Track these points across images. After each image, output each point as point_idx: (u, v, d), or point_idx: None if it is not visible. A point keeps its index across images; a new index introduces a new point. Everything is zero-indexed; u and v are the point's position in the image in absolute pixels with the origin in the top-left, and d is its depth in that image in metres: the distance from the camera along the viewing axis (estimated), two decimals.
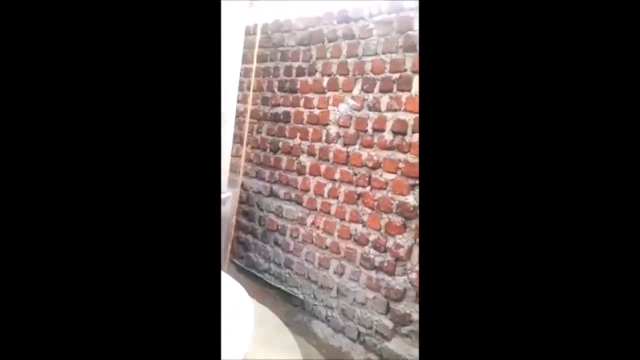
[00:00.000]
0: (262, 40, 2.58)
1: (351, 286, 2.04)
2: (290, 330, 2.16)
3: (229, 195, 2.29)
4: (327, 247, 2.18)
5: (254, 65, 2.64)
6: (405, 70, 1.74)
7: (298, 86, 2.33)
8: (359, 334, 2.01)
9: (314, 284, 2.27)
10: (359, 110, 1.97)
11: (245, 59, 2.63)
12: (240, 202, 2.82)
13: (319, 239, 2.23)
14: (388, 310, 1.86)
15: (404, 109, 1.75)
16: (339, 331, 2.12)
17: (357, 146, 1.98)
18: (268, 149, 2.58)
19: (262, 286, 2.64)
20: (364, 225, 1.97)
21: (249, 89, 2.72)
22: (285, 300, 2.48)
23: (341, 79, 2.05)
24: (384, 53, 1.83)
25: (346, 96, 2.03)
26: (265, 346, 1.76)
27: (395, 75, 1.78)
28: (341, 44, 2.03)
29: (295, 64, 2.34)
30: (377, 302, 1.91)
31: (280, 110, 2.47)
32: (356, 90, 1.98)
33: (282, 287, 2.49)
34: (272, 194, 2.56)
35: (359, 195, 1.99)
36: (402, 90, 1.75)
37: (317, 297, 2.25)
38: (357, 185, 2.00)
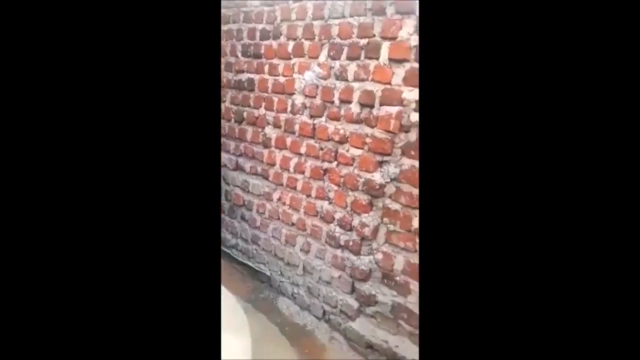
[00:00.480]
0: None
1: (317, 264, 1.98)
2: (253, 308, 2.10)
3: None
4: (293, 224, 2.09)
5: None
6: (374, 35, 1.58)
7: (262, 51, 2.14)
8: (324, 312, 1.96)
9: (280, 260, 2.20)
10: (325, 79, 1.81)
11: None
12: None
13: (286, 215, 2.13)
14: (353, 290, 1.81)
15: (371, 79, 1.61)
16: (304, 309, 2.08)
17: (323, 118, 1.85)
18: (233, 119, 2.41)
19: (229, 262, 2.57)
20: (330, 203, 1.88)
21: None
22: (252, 277, 2.42)
23: (307, 43, 1.88)
24: (351, 16, 1.66)
25: (312, 63, 1.86)
26: None
27: (363, 41, 1.62)
28: (306, 5, 1.84)
29: (259, 26, 2.14)
30: (342, 281, 1.85)
31: (244, 77, 2.28)
32: (322, 57, 1.82)
33: (250, 264, 2.42)
34: (238, 168, 2.42)
35: (325, 171, 1.88)
36: (370, 58, 1.61)
37: (284, 274, 2.19)
38: (323, 161, 1.88)
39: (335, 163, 1.82)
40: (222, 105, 2.47)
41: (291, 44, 1.96)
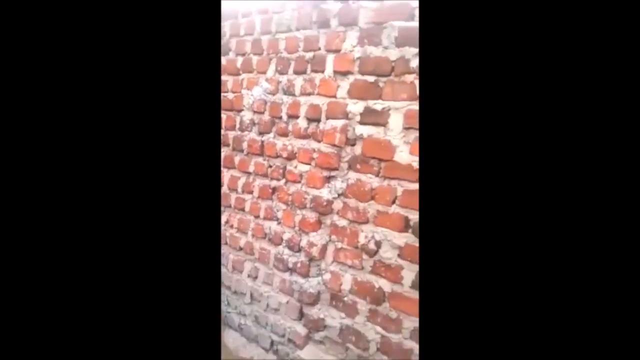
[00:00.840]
0: None
1: (264, 290, 1.84)
2: None
3: None
4: (241, 248, 1.96)
5: None
6: (319, 48, 1.56)
7: None
8: (272, 342, 1.81)
9: (227, 289, 2.04)
10: (273, 94, 1.76)
11: None
12: None
13: (233, 239, 2.00)
14: (302, 315, 1.68)
15: (317, 93, 1.58)
16: (252, 340, 1.91)
17: (272, 134, 1.78)
18: None
19: None
20: (278, 223, 1.77)
21: None
22: None
23: (255, 58, 1.84)
24: (297, 29, 1.64)
25: (260, 78, 1.82)
26: None
27: (309, 55, 1.60)
28: (255, 20, 1.82)
29: None
30: (290, 307, 1.71)
31: None
32: (270, 72, 1.78)
33: None
34: None
35: (274, 190, 1.79)
36: (316, 72, 1.58)
37: (231, 304, 2.02)
38: (272, 179, 1.79)
39: (283, 181, 1.74)
40: None
41: (240, 59, 1.92)
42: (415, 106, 1.26)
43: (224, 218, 2.04)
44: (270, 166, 1.79)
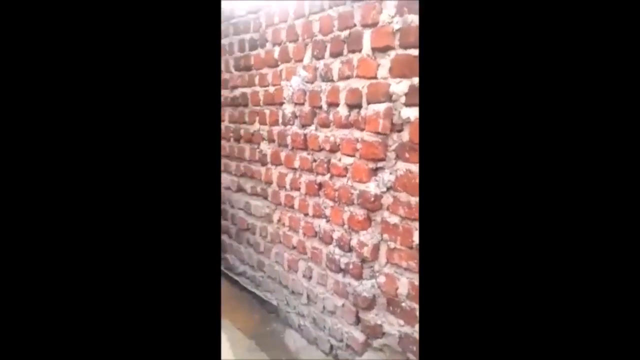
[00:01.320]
0: None
1: (319, 292, 1.74)
2: (256, 346, 1.89)
3: None
4: (294, 247, 1.88)
5: None
6: (355, 25, 1.38)
7: (252, 62, 2.01)
8: (332, 347, 1.71)
9: (285, 288, 1.99)
10: (312, 82, 1.63)
11: None
12: None
13: (286, 237, 1.93)
14: (358, 320, 1.55)
15: (356, 75, 1.40)
16: (312, 342, 1.83)
17: (313, 127, 1.65)
18: (232, 138, 2.29)
19: (239, 290, 2.39)
20: (327, 221, 1.65)
21: None
22: (261, 306, 2.21)
23: (291, 46, 1.72)
24: (330, 7, 1.48)
25: (298, 67, 1.69)
26: None
27: (345, 33, 1.43)
28: (288, 5, 1.69)
29: (247, 36, 2.02)
30: (346, 311, 1.59)
31: (238, 92, 2.16)
32: (307, 58, 1.64)
33: (257, 292, 2.23)
34: (240, 189, 2.28)
35: (320, 185, 1.66)
36: (353, 51, 1.40)
37: (290, 304, 1.97)
38: (317, 174, 1.67)
39: (328, 175, 1.61)
40: (222, 125, 2.36)
41: (277, 49, 1.81)
42: None
43: (276, 216, 1.98)
44: (315, 160, 1.67)
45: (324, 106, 1.57)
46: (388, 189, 1.35)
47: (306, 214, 1.77)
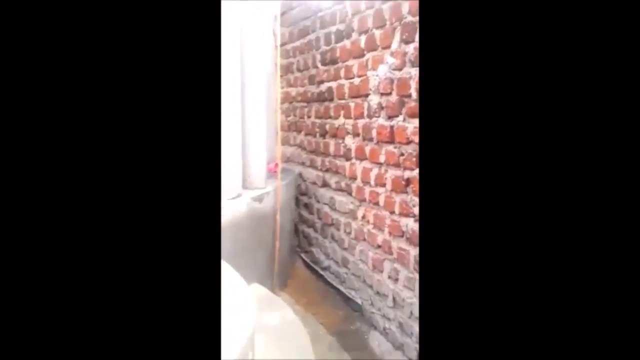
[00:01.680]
0: (302, 10, 2.27)
1: (407, 296, 1.62)
2: (338, 345, 1.84)
3: (268, 191, 2.05)
4: (379, 246, 1.78)
5: (298, 42, 2.35)
6: None
7: (338, 54, 1.95)
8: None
9: (369, 288, 1.90)
10: (400, 69, 1.51)
11: (284, 37, 2.36)
12: (301, 193, 2.59)
13: (371, 235, 1.84)
14: None
15: None
16: (397, 348, 1.72)
17: (401, 117, 1.53)
18: (317, 134, 2.27)
19: (324, 284, 2.38)
20: (415, 220, 1.52)
21: (298, 69, 2.44)
22: (345, 303, 2.17)
23: (377, 32, 1.62)
24: None
25: (385, 54, 1.58)
26: None
27: None
28: None
29: (334, 28, 1.97)
30: None
31: (324, 87, 2.13)
32: (395, 44, 1.52)
33: (341, 289, 2.18)
34: (325, 184, 2.25)
35: (408, 181, 1.54)
36: None
37: (375, 304, 1.88)
38: (404, 169, 1.55)
39: (417, 170, 1.48)
40: (308, 120, 2.36)
41: (363, 38, 1.73)
42: None
43: (360, 213, 1.91)
44: (402, 154, 1.55)
45: (414, 94, 1.44)
46: None
47: (392, 212, 1.66)
